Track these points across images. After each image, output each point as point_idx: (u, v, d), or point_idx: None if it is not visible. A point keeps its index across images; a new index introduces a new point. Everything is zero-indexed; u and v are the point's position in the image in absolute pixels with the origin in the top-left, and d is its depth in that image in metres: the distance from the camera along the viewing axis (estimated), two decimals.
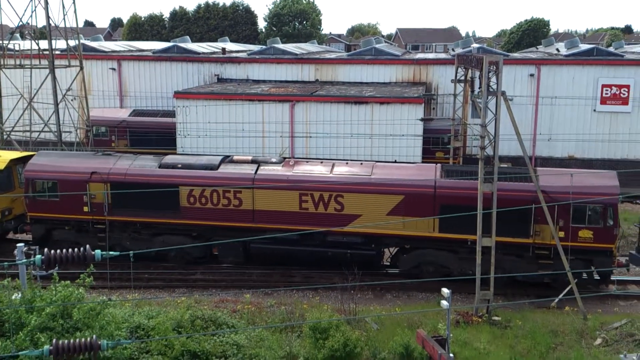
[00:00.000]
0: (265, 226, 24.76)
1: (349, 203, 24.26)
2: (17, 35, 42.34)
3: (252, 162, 25.99)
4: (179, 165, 25.89)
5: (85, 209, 25.90)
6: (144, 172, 25.80)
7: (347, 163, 26.35)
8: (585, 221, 23.07)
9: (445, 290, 15.56)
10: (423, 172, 24.76)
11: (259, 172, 25.26)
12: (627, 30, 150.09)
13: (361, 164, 25.95)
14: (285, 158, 27.08)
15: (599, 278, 24.20)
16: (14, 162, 27.57)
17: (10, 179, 27.64)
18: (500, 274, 22.98)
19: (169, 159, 26.66)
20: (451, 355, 15.15)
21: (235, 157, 26.56)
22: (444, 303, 15.48)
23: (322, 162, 26.56)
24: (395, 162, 31.09)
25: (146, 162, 26.40)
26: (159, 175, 25.61)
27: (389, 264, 26.59)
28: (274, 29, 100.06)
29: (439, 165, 25.53)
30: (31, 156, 27.75)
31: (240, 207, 24.98)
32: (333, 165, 25.61)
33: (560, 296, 22.94)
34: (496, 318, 21.66)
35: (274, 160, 26.19)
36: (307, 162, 26.78)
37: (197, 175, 25.38)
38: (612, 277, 24.93)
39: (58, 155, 28.18)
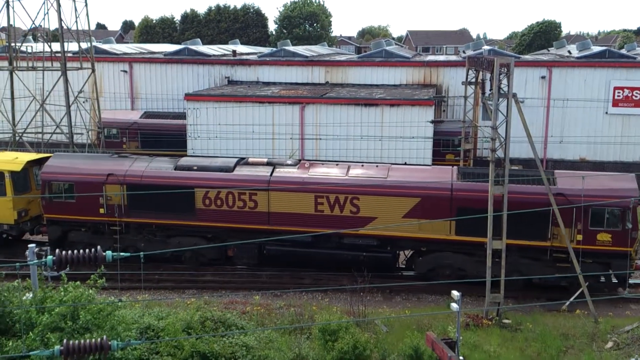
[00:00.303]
0: (281, 228, 24.70)
1: (364, 205, 24.20)
2: (30, 37, 42.68)
3: (268, 164, 25.98)
4: (195, 168, 25.92)
5: (102, 210, 25.98)
6: (160, 174, 25.86)
7: (362, 165, 26.27)
8: (604, 224, 22.83)
9: (455, 293, 15.50)
10: (439, 174, 24.63)
11: (274, 174, 25.24)
12: None
13: (377, 166, 25.90)
14: (300, 160, 27.06)
15: (616, 281, 23.93)
16: (30, 164, 27.62)
17: (26, 181, 27.69)
18: (517, 278, 23.06)
19: (185, 161, 26.73)
20: (461, 358, 15.08)
21: (250, 159, 26.57)
22: (454, 305, 15.43)
23: (337, 165, 26.50)
24: (406, 164, 30.99)
25: (162, 164, 26.47)
26: (174, 177, 25.66)
27: (404, 266, 26.45)
28: (285, 31, 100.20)
29: (455, 167, 25.44)
30: (47, 158, 27.86)
31: (256, 209, 24.98)
32: (348, 168, 25.54)
33: (572, 299, 22.80)
34: (506, 321, 21.57)
35: (289, 162, 26.16)
36: (322, 164, 26.71)
37: (212, 177, 25.39)
38: (631, 281, 24.71)
39: (74, 157, 28.30)
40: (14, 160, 27.50)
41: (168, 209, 25.53)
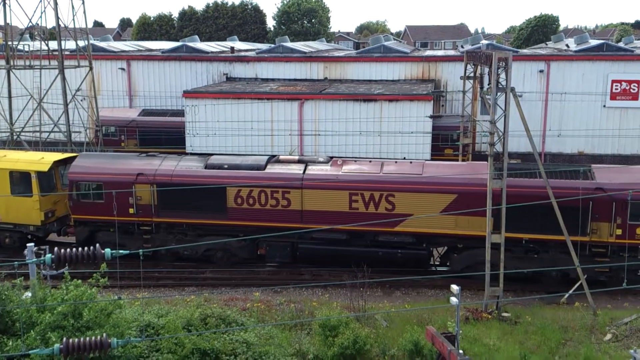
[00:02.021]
0: (314, 226, 24.45)
1: (400, 202, 23.96)
2: (27, 36, 42.59)
3: (299, 161, 25.74)
4: (226, 166, 25.66)
5: (131, 210, 25.73)
6: (191, 173, 25.59)
7: (395, 162, 26.12)
8: None
9: (454, 287, 15.55)
10: (475, 170, 24.29)
11: (307, 171, 25.03)
12: (637, 25, 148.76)
13: (410, 162, 25.68)
14: (331, 157, 26.62)
15: None
16: (56, 164, 27.18)
17: (53, 181, 27.26)
18: (549, 272, 23.22)
19: (215, 159, 26.40)
20: (461, 351, 15.12)
21: (281, 157, 26.30)
22: (454, 300, 15.47)
23: (370, 161, 26.22)
24: (405, 159, 30.96)
25: (191, 163, 26.20)
26: (205, 176, 25.38)
27: (437, 263, 26.23)
28: (283, 27, 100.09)
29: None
30: (72, 158, 27.53)
31: (289, 208, 24.79)
32: (382, 164, 25.29)
33: (570, 292, 22.85)
34: (506, 314, 21.62)
35: (321, 159, 25.88)
36: (355, 161, 26.28)
37: (244, 175, 25.16)
38: None
39: (100, 156, 27.96)
40: (40, 160, 27.02)
41: (199, 208, 25.29)
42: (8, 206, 26.76)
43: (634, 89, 40.85)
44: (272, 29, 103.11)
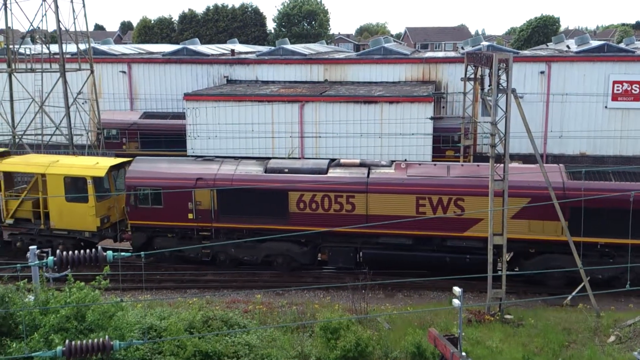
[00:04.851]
0: (379, 231, 23.97)
1: (470, 207, 23.43)
2: (28, 39, 42.65)
3: (361, 165, 25.28)
4: (286, 170, 25.28)
5: (190, 216, 25.29)
6: (251, 177, 25.16)
7: (462, 165, 25.65)
8: None
9: (456, 289, 15.51)
10: (547, 173, 23.36)
11: (371, 175, 24.56)
12: (638, 26, 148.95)
13: (478, 165, 25.10)
14: (393, 161, 26.14)
15: None
16: (111, 169, 26.66)
17: (108, 186, 26.83)
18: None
19: (274, 163, 26.02)
20: (463, 354, 15.09)
21: (342, 161, 25.84)
22: (456, 302, 15.44)
23: (435, 165, 25.73)
24: (405, 160, 30.86)
25: (250, 167, 25.75)
26: (266, 180, 24.95)
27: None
28: (283, 29, 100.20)
29: (561, 166, 24.68)
30: (125, 163, 27.20)
31: (353, 212, 24.26)
32: (449, 168, 24.74)
33: (574, 293, 22.79)
34: (508, 316, 21.57)
35: (383, 163, 25.43)
36: (419, 164, 25.75)
37: (306, 179, 24.65)
38: None
39: (156, 161, 27.26)
40: (95, 165, 26.55)
41: (259, 213, 24.80)
42: (61, 212, 26.22)
43: (635, 90, 40.83)
44: (272, 31, 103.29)
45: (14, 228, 27.29)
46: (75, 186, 26.08)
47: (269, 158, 28.28)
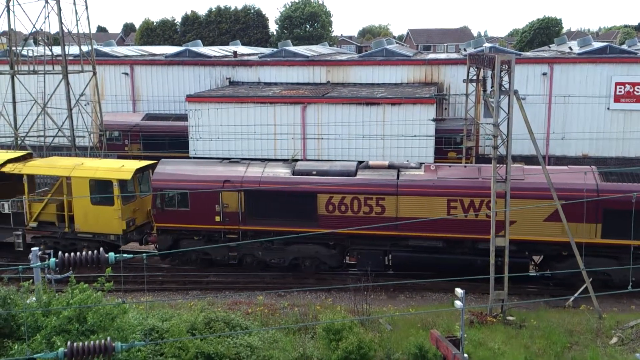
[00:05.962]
0: (409, 234, 23.88)
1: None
2: (31, 41, 42.70)
3: (390, 167, 25.07)
4: (314, 172, 25.06)
5: (217, 218, 25.13)
6: (279, 179, 24.97)
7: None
8: None
9: (458, 291, 15.52)
10: (577, 175, 23.49)
11: (401, 177, 24.37)
12: None
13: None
14: (422, 163, 25.99)
15: None
16: (136, 172, 26.60)
17: (133, 189, 26.72)
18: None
19: (302, 165, 25.90)
20: (465, 355, 15.11)
21: (371, 163, 25.61)
22: (458, 303, 15.44)
23: (465, 166, 25.54)
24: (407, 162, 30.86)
25: (278, 169, 25.59)
26: (294, 182, 24.72)
27: (535, 271, 25.41)
28: (285, 31, 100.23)
29: (593, 167, 24.44)
30: (150, 165, 27.03)
31: (383, 215, 24.04)
32: (479, 170, 24.48)
33: (576, 295, 22.77)
34: (511, 318, 21.55)
35: (412, 165, 25.23)
36: (449, 166, 25.49)
37: (335, 182, 24.41)
38: None
39: (182, 163, 27.25)
40: (121, 168, 26.44)
41: (288, 216, 24.59)
42: (86, 215, 26.13)
43: (637, 92, 40.76)
44: (274, 33, 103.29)
45: (38, 231, 27.05)
46: (100, 189, 25.88)
47: (297, 160, 28.01)
